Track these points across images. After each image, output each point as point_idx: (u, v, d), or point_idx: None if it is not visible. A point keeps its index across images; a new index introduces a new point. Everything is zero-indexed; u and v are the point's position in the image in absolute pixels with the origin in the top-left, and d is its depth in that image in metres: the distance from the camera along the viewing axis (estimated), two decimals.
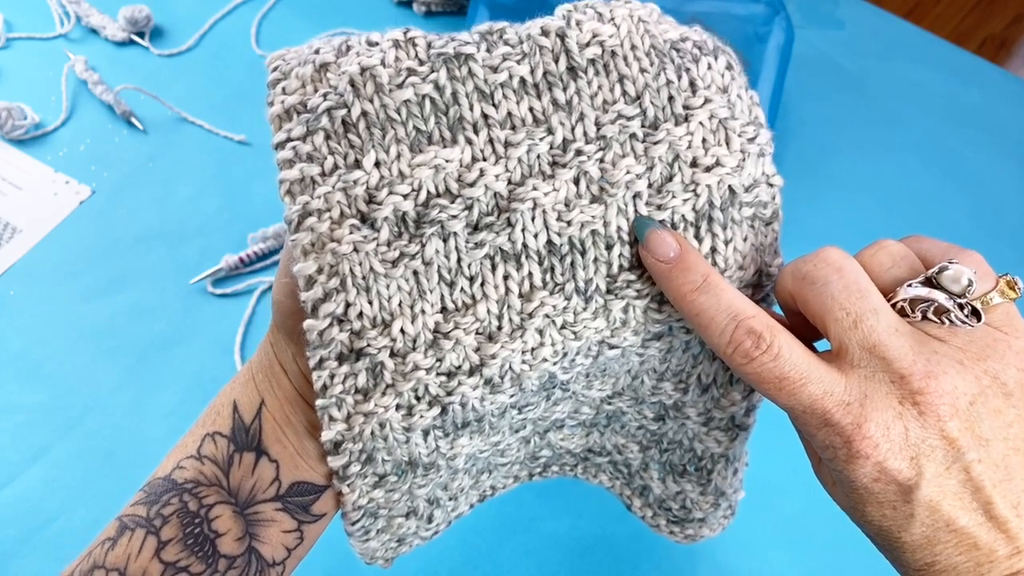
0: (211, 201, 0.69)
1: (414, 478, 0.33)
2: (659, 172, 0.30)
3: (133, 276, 0.65)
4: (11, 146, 0.72)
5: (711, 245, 0.31)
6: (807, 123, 0.75)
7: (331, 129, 0.28)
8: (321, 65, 0.29)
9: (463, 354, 0.29)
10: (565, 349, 0.31)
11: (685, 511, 0.41)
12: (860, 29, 0.82)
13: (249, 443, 0.30)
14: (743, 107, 0.31)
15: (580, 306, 0.30)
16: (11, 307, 0.63)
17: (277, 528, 0.31)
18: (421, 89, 0.29)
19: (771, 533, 0.54)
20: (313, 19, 0.82)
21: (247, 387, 0.32)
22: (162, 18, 0.81)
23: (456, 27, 0.81)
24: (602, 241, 0.30)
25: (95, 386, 0.60)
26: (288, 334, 0.31)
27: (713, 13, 0.73)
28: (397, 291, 0.29)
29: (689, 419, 0.37)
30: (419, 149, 0.29)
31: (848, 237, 0.68)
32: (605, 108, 0.30)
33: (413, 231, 0.29)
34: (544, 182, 0.29)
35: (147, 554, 0.29)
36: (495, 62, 0.29)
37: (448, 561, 0.52)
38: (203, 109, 0.74)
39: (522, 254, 0.29)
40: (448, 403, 0.30)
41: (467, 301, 0.30)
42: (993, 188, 0.71)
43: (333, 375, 0.29)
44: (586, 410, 0.38)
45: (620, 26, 0.30)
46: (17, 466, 0.56)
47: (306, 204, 0.28)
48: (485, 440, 0.34)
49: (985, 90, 0.77)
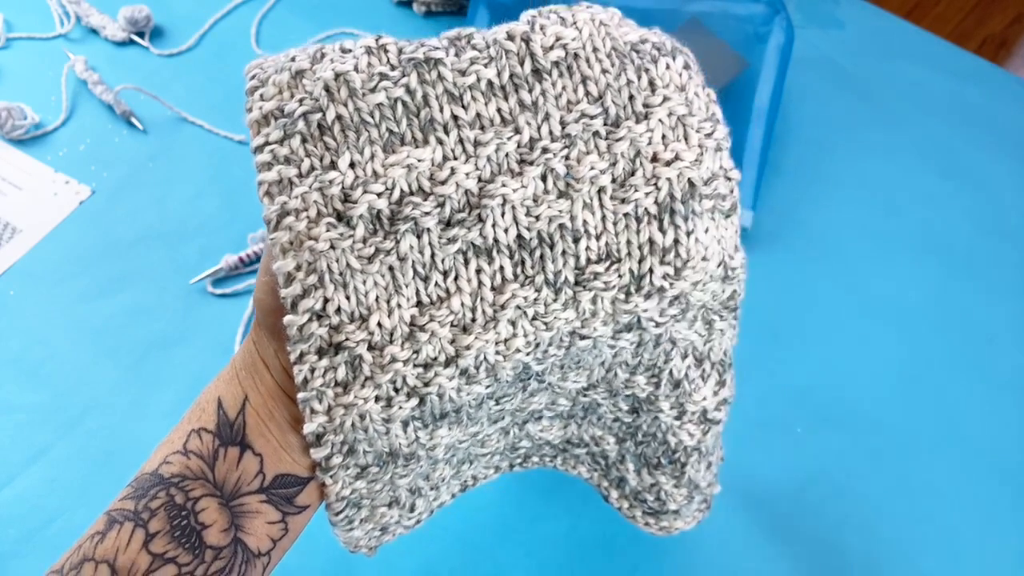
0: (211, 201, 0.69)
1: (395, 469, 0.34)
2: (622, 167, 0.31)
3: (133, 276, 0.65)
4: (11, 146, 0.72)
5: (674, 237, 0.32)
6: (807, 123, 0.75)
7: (307, 132, 0.30)
8: (297, 72, 0.30)
9: (439, 346, 0.31)
10: (537, 340, 0.32)
11: (660, 503, 0.42)
12: (860, 29, 0.82)
13: (233, 438, 0.31)
14: (700, 104, 0.33)
15: (550, 297, 0.32)
16: (11, 307, 0.63)
17: (262, 520, 0.31)
18: (393, 93, 0.30)
19: (771, 534, 0.54)
20: (313, 19, 0.82)
21: (231, 384, 0.33)
22: (162, 18, 0.81)
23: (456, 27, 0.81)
24: (569, 235, 0.31)
25: (95, 386, 0.59)
26: (269, 331, 0.32)
27: (713, 13, 0.73)
28: (373, 286, 0.30)
29: (662, 412, 0.38)
30: (392, 150, 0.30)
31: (848, 237, 0.69)
32: (569, 108, 0.31)
33: (388, 228, 0.30)
34: (513, 179, 0.31)
35: (135, 546, 0.29)
36: (463, 66, 0.30)
37: (448, 561, 0.52)
38: (203, 109, 0.74)
39: (493, 248, 0.31)
40: (426, 394, 0.31)
41: (441, 295, 0.31)
42: (993, 188, 0.71)
43: (313, 369, 0.30)
44: (563, 401, 0.39)
45: (582, 29, 0.31)
46: (17, 466, 0.56)
47: (284, 204, 0.29)
48: (464, 431, 0.35)
49: (985, 90, 0.77)
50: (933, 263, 0.66)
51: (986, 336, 0.63)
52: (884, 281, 0.65)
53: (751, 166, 0.67)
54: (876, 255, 0.67)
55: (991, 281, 0.66)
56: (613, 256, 0.32)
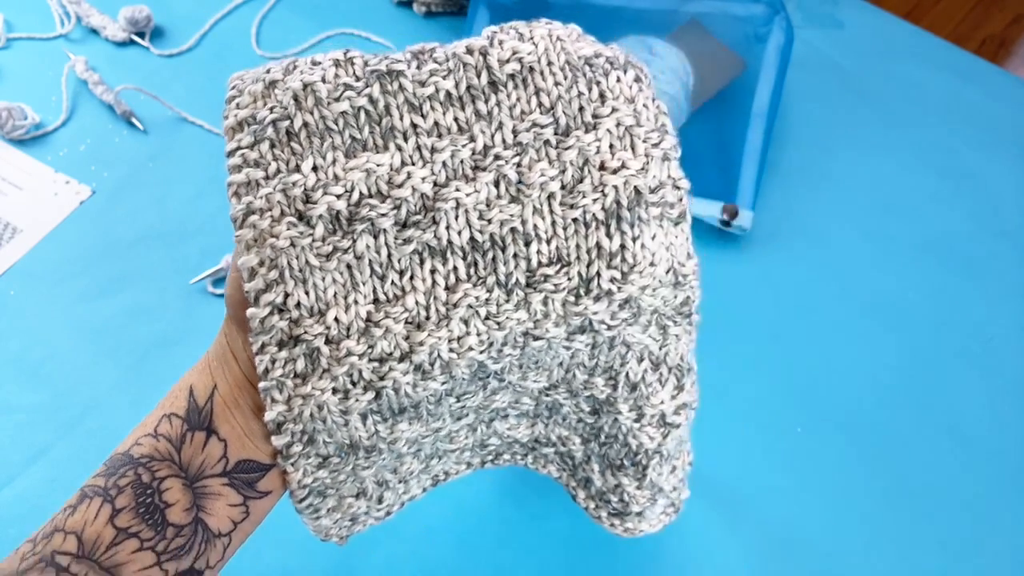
0: (211, 201, 0.69)
1: (357, 460, 0.35)
2: (571, 174, 0.33)
3: (133, 276, 0.65)
4: (11, 146, 0.72)
5: (620, 242, 0.33)
6: (807, 123, 0.75)
7: (275, 138, 0.32)
8: (270, 83, 0.33)
9: (393, 341, 0.32)
10: (491, 339, 0.33)
11: (623, 504, 0.43)
12: (860, 29, 0.82)
13: (201, 423, 0.33)
14: (649, 115, 0.34)
15: (502, 298, 0.33)
16: (11, 307, 0.63)
17: (223, 502, 0.33)
18: (356, 102, 0.32)
19: (771, 534, 0.54)
20: (313, 19, 0.82)
21: (203, 373, 0.34)
22: (162, 18, 0.81)
23: (456, 27, 0.81)
24: (521, 238, 0.33)
25: (95, 386, 0.60)
26: (238, 324, 0.33)
27: (713, 13, 0.73)
28: (332, 283, 0.32)
29: (621, 414, 0.39)
30: (354, 155, 0.32)
31: (847, 237, 0.69)
32: (522, 117, 0.33)
33: (346, 228, 0.32)
34: (466, 184, 0.32)
35: (102, 520, 0.31)
36: (423, 77, 0.32)
37: (448, 561, 0.52)
38: (203, 109, 0.75)
39: (447, 250, 0.33)
40: (381, 387, 0.33)
41: (397, 293, 0.32)
42: (993, 188, 0.71)
43: (274, 360, 0.32)
44: (527, 401, 0.40)
45: (538, 44, 0.33)
46: (17, 466, 0.56)
47: (249, 204, 0.31)
48: (426, 426, 0.36)
49: (985, 90, 0.77)
50: (932, 263, 0.66)
51: (985, 336, 0.63)
52: (883, 281, 0.65)
53: (751, 166, 0.67)
54: (875, 255, 0.67)
55: (990, 281, 0.66)
56: (563, 259, 0.33)
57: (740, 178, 0.67)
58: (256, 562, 0.51)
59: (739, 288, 0.65)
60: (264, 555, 0.52)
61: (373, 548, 0.52)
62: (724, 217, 0.65)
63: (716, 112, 0.71)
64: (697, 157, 0.75)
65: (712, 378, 0.60)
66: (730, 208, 0.65)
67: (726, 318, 0.63)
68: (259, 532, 0.54)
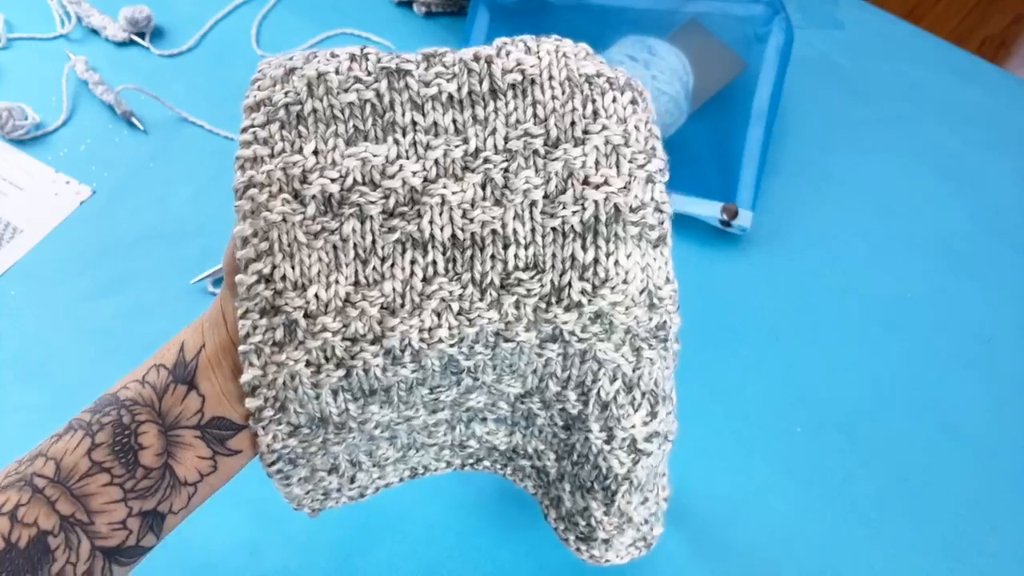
0: (211, 201, 0.69)
1: (327, 435, 0.36)
2: (554, 185, 0.34)
3: (134, 276, 0.65)
4: (12, 146, 0.72)
5: (594, 256, 0.34)
6: (807, 123, 0.75)
7: (285, 120, 0.34)
8: (289, 69, 0.34)
9: (367, 323, 0.34)
10: (461, 334, 0.35)
11: (590, 529, 0.43)
12: (860, 29, 0.82)
13: (184, 377, 0.35)
14: (639, 137, 0.35)
15: (476, 296, 0.34)
16: (12, 307, 0.63)
17: (193, 453, 0.35)
18: (364, 95, 0.34)
19: (770, 534, 0.54)
20: (313, 19, 0.82)
21: (195, 331, 0.37)
22: (163, 18, 0.81)
23: (456, 27, 0.81)
24: (500, 240, 0.34)
25: (96, 386, 0.59)
26: (232, 289, 0.35)
27: (713, 13, 0.73)
28: (317, 261, 0.33)
29: (592, 432, 0.39)
30: (354, 144, 0.34)
31: (847, 237, 0.69)
32: (516, 126, 0.34)
33: (336, 210, 0.33)
34: (454, 182, 0.34)
35: (80, 451, 0.34)
36: (429, 78, 0.34)
37: (448, 561, 0.52)
38: (203, 109, 0.75)
39: (428, 243, 0.34)
40: (351, 366, 0.34)
41: (376, 278, 0.34)
42: (993, 188, 0.71)
43: (255, 326, 0.33)
44: (503, 405, 0.40)
45: (543, 58, 0.34)
46: None
47: (251, 177, 0.33)
48: (397, 413, 0.37)
49: (985, 90, 0.77)
50: (932, 263, 0.66)
51: (985, 336, 0.63)
52: (883, 281, 0.65)
53: (751, 166, 0.67)
54: (875, 255, 0.67)
55: (990, 281, 0.66)
56: (538, 266, 0.34)
57: (740, 178, 0.67)
58: (256, 562, 0.51)
59: (739, 288, 0.65)
60: (264, 555, 0.52)
61: (374, 547, 0.52)
62: (724, 217, 0.65)
63: (716, 112, 0.71)
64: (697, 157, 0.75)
65: (712, 378, 0.60)
66: (730, 208, 0.65)
67: (726, 318, 0.63)
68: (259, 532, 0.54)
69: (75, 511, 0.33)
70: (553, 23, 0.74)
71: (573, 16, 0.74)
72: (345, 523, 0.52)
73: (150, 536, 0.35)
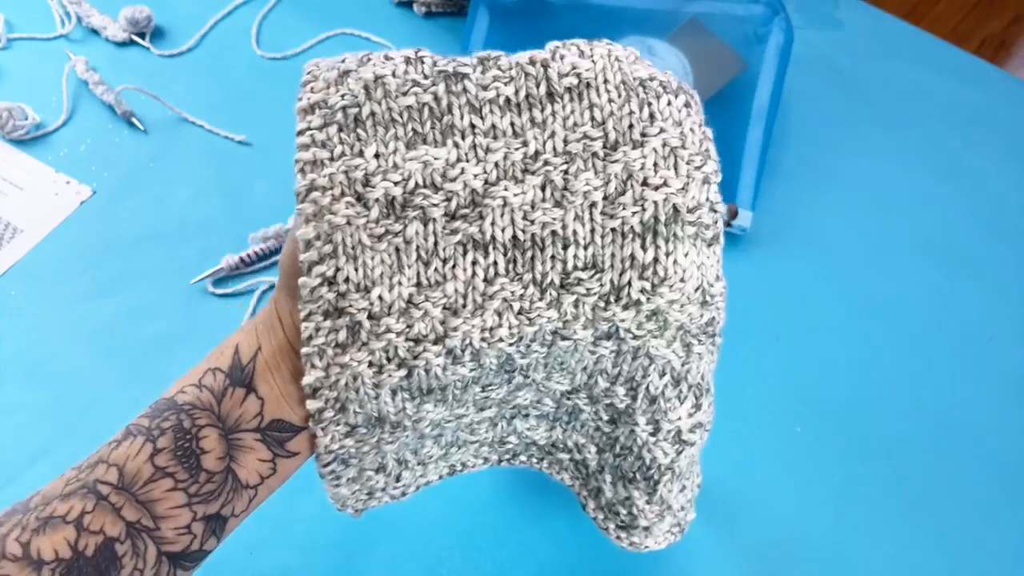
0: (211, 201, 0.69)
1: (382, 434, 0.36)
2: (614, 187, 0.35)
3: (134, 276, 0.65)
4: (12, 146, 0.72)
5: (654, 255, 0.35)
6: (807, 123, 0.75)
7: (343, 123, 0.34)
8: (343, 72, 0.34)
9: (430, 324, 0.34)
10: (521, 333, 0.35)
11: (631, 517, 0.44)
12: (860, 30, 0.82)
13: (242, 380, 0.35)
14: (694, 139, 0.36)
15: (536, 296, 0.35)
16: (12, 307, 0.63)
17: (254, 456, 0.35)
18: (422, 98, 0.34)
19: (770, 534, 0.54)
20: (313, 20, 0.82)
21: (249, 334, 0.36)
22: (163, 19, 0.81)
23: (456, 27, 0.82)
24: (560, 241, 0.35)
25: (96, 386, 0.60)
26: (288, 292, 0.36)
27: (713, 13, 0.73)
28: (380, 263, 0.34)
29: (638, 426, 0.40)
30: (414, 147, 0.34)
31: (847, 237, 0.69)
32: (574, 128, 0.35)
33: (399, 213, 0.34)
34: (515, 185, 0.34)
35: (143, 457, 0.33)
36: (486, 81, 0.34)
37: (448, 561, 0.52)
38: (204, 109, 0.75)
39: (490, 244, 0.34)
40: (413, 366, 0.34)
41: (438, 279, 0.34)
42: (993, 188, 0.71)
43: (318, 328, 0.34)
44: (548, 402, 0.41)
45: (597, 62, 0.35)
46: (18, 466, 0.56)
47: (313, 180, 0.33)
48: (450, 410, 0.38)
49: (985, 90, 0.77)
50: (932, 263, 0.66)
51: (985, 336, 0.63)
52: (883, 281, 0.65)
53: (750, 166, 0.67)
54: (875, 255, 0.67)
55: (990, 281, 0.66)
56: (597, 266, 0.35)
57: (740, 178, 0.67)
58: (256, 562, 0.51)
59: (739, 288, 0.65)
60: (264, 555, 0.52)
61: (374, 547, 0.52)
62: (724, 217, 0.65)
63: (716, 112, 0.71)
64: None
65: None
66: (730, 208, 0.65)
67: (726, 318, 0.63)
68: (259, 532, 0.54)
69: (140, 517, 0.33)
70: (553, 23, 0.74)
71: (573, 16, 0.74)
72: (345, 523, 0.52)
73: (212, 540, 0.35)
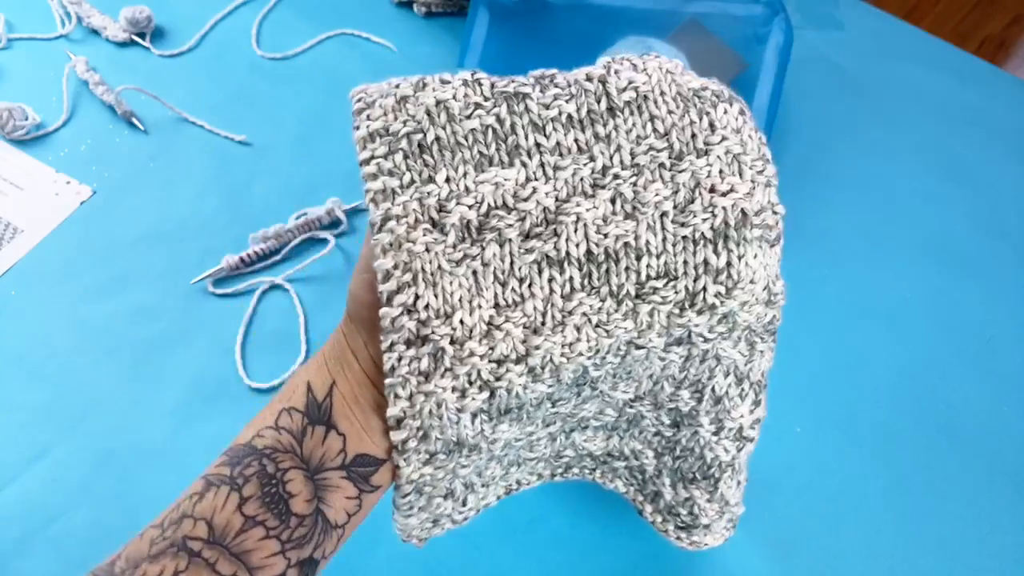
0: (211, 201, 0.69)
1: (459, 458, 0.36)
2: (683, 195, 0.35)
3: (134, 276, 0.65)
4: (12, 146, 0.72)
5: (727, 259, 0.35)
6: (806, 123, 0.75)
7: (409, 150, 0.34)
8: (401, 98, 0.34)
9: (511, 344, 0.34)
10: (598, 346, 0.35)
11: (692, 517, 0.45)
12: (859, 30, 0.82)
13: (321, 418, 0.35)
14: (753, 145, 0.36)
15: (612, 308, 0.35)
16: (12, 307, 0.63)
17: (341, 494, 0.34)
18: (486, 120, 0.34)
19: (769, 534, 0.54)
20: (313, 20, 0.82)
21: (320, 370, 0.36)
22: (163, 19, 0.81)
23: (456, 28, 0.82)
24: (633, 252, 0.35)
25: (96, 386, 0.60)
26: (361, 323, 0.35)
27: (712, 14, 0.73)
28: (459, 287, 0.34)
29: (702, 427, 0.41)
30: (482, 169, 0.34)
31: (847, 238, 0.69)
32: (638, 141, 0.35)
33: (475, 236, 0.34)
34: (586, 200, 0.35)
35: (231, 507, 0.32)
36: (547, 100, 0.35)
37: (448, 561, 0.52)
38: (204, 109, 0.75)
39: (565, 260, 0.35)
40: (496, 388, 0.34)
41: (517, 299, 0.34)
42: (993, 188, 0.71)
43: (401, 357, 0.33)
44: (610, 412, 0.42)
45: (651, 75, 0.35)
46: (18, 466, 0.56)
47: (387, 210, 0.33)
48: (522, 429, 0.38)
49: (984, 91, 0.77)
50: (932, 263, 0.66)
51: (985, 336, 0.63)
52: (883, 281, 0.65)
53: None
54: (875, 255, 0.67)
55: (990, 281, 0.66)
56: (671, 274, 0.35)
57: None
58: None
59: None
60: None
61: (374, 547, 0.52)
62: None
63: None
64: None
65: None
66: None
67: None
68: None
69: (236, 570, 0.32)
70: (553, 24, 0.74)
71: (573, 16, 0.74)
72: None
73: None
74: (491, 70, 0.37)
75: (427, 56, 0.80)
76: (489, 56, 0.73)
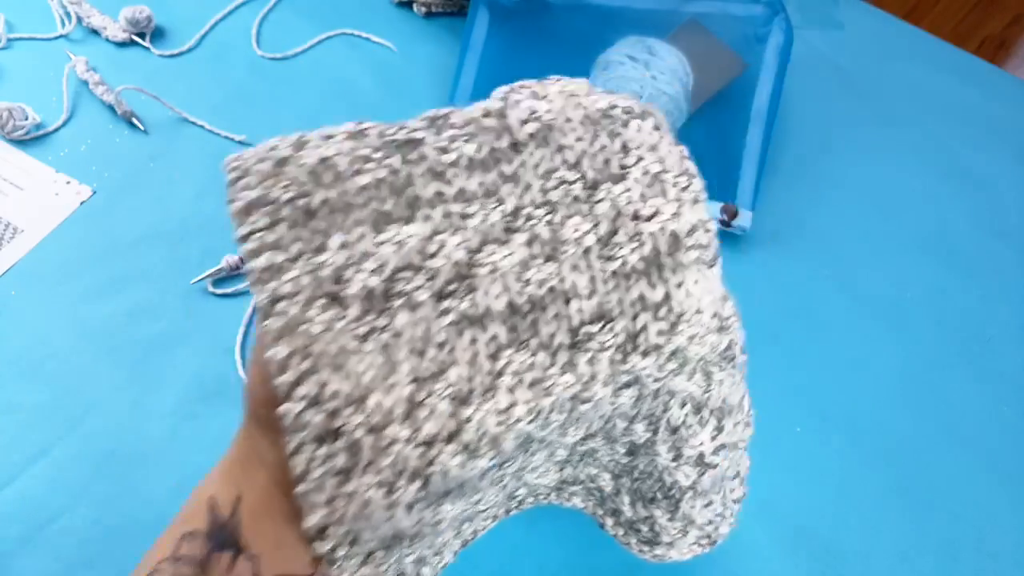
0: (212, 201, 0.69)
1: (402, 548, 0.33)
2: (604, 228, 0.32)
3: (134, 276, 0.65)
4: (12, 146, 0.72)
5: (664, 291, 0.32)
6: (806, 123, 0.75)
7: (294, 218, 0.30)
8: (280, 160, 0.31)
9: (440, 421, 0.29)
10: (538, 407, 0.31)
11: (654, 534, 0.43)
12: (859, 30, 0.82)
13: (226, 541, 0.30)
14: (673, 161, 0.33)
15: (547, 362, 0.31)
16: (12, 307, 0.63)
17: None
18: (378, 174, 0.30)
19: (769, 534, 0.54)
20: (313, 20, 0.82)
21: (224, 482, 0.31)
22: (163, 19, 0.81)
23: (456, 28, 0.82)
24: (560, 297, 0.31)
25: (96, 386, 0.60)
26: (261, 423, 0.30)
27: (712, 14, 0.73)
28: (369, 366, 0.29)
29: (659, 455, 0.38)
30: (381, 229, 0.30)
31: (847, 237, 0.69)
32: (548, 176, 0.32)
33: (382, 305, 0.30)
34: (501, 247, 0.31)
35: None
36: (444, 144, 0.31)
37: None
38: (204, 109, 0.75)
39: (485, 317, 0.31)
40: (429, 474, 0.30)
41: (438, 368, 0.30)
42: (993, 188, 0.71)
43: (312, 459, 0.28)
44: (561, 452, 0.39)
45: (554, 101, 0.32)
46: (18, 466, 0.56)
47: (275, 290, 0.29)
48: (467, 500, 0.34)
49: (984, 90, 0.77)
50: (932, 263, 0.67)
51: (984, 336, 0.63)
52: (883, 281, 0.65)
53: (750, 167, 0.67)
54: (875, 255, 0.67)
55: (990, 281, 0.66)
56: (606, 315, 0.32)
57: (740, 178, 0.67)
58: None
59: (739, 288, 0.65)
60: None
61: None
62: (724, 217, 0.65)
63: (716, 112, 0.71)
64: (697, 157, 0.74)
65: None
66: (730, 208, 0.65)
67: None
68: None
69: None
70: (553, 23, 0.74)
71: (573, 16, 0.74)
72: None
73: None
74: (491, 70, 0.36)
75: (427, 56, 0.80)
76: (489, 56, 0.73)
